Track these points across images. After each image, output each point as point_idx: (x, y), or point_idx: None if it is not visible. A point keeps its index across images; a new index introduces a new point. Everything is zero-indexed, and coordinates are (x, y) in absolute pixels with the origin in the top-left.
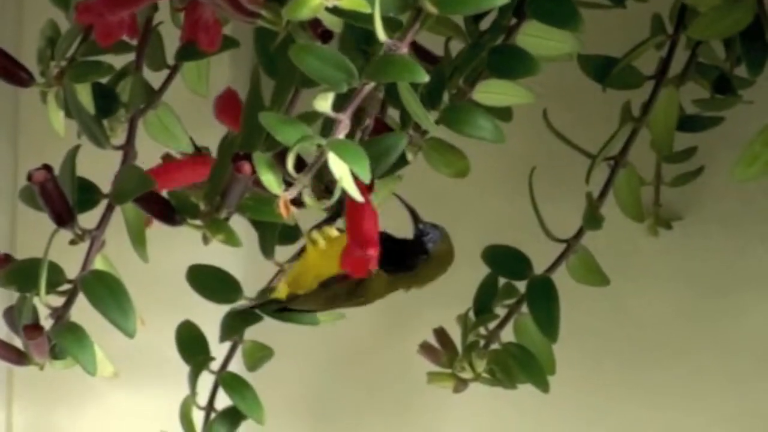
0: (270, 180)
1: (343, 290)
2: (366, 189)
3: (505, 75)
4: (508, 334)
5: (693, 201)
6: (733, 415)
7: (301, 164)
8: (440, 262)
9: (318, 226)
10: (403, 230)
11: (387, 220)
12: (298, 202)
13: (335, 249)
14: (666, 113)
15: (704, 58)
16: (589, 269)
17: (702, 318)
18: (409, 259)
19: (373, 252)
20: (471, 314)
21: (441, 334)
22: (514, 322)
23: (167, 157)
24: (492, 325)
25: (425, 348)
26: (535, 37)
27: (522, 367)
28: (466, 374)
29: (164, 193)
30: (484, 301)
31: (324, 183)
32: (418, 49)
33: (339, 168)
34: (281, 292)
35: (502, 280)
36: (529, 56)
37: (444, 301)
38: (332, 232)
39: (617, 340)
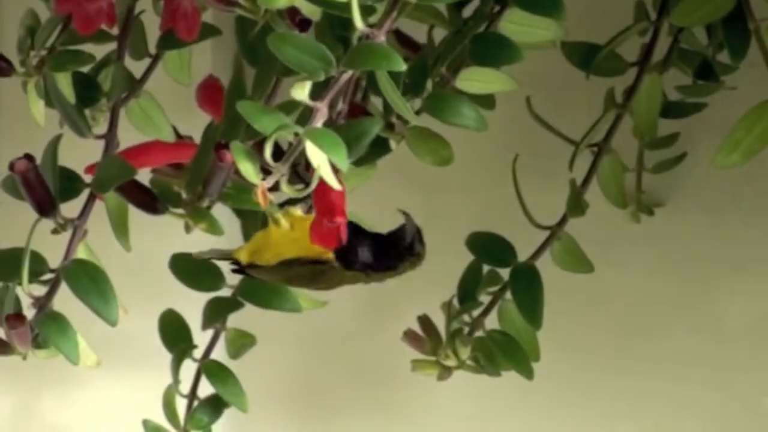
0: (247, 169)
1: (305, 273)
2: None
3: (488, 63)
4: (492, 322)
5: (675, 187)
6: (716, 399)
7: (281, 153)
8: (411, 266)
9: (282, 204)
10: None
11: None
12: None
13: (298, 232)
14: (649, 100)
15: (687, 44)
16: (573, 256)
17: (684, 303)
18: (396, 258)
19: (341, 219)
20: (455, 302)
21: (425, 321)
22: (498, 309)
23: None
24: (476, 312)
25: (409, 336)
26: (518, 24)
27: (506, 354)
28: (451, 362)
29: (146, 182)
30: (468, 289)
31: (295, 169)
32: (400, 37)
33: (316, 156)
34: (242, 255)
35: (486, 268)
36: (512, 44)
37: (428, 288)
38: (296, 212)
39: (601, 326)
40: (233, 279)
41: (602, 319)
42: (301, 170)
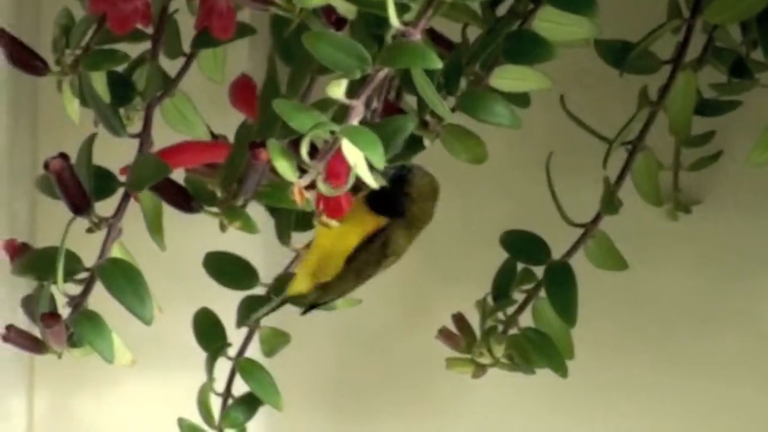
0: (284, 167)
1: (370, 256)
2: None
3: (522, 61)
4: (526, 319)
5: (711, 185)
6: (753, 399)
7: (314, 151)
8: (426, 196)
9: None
10: None
11: None
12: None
13: (348, 226)
14: (683, 97)
15: (721, 41)
16: (607, 254)
17: (721, 302)
18: (394, 202)
19: (341, 182)
20: (489, 299)
21: (459, 319)
22: (533, 307)
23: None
24: (510, 310)
25: (444, 333)
26: (551, 22)
27: (540, 352)
28: (485, 359)
29: (181, 181)
30: (502, 287)
31: None
32: (434, 36)
33: (353, 154)
34: (301, 284)
35: (520, 266)
36: (546, 42)
37: (462, 286)
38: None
39: (635, 325)
40: (268, 277)
41: (637, 318)
42: None
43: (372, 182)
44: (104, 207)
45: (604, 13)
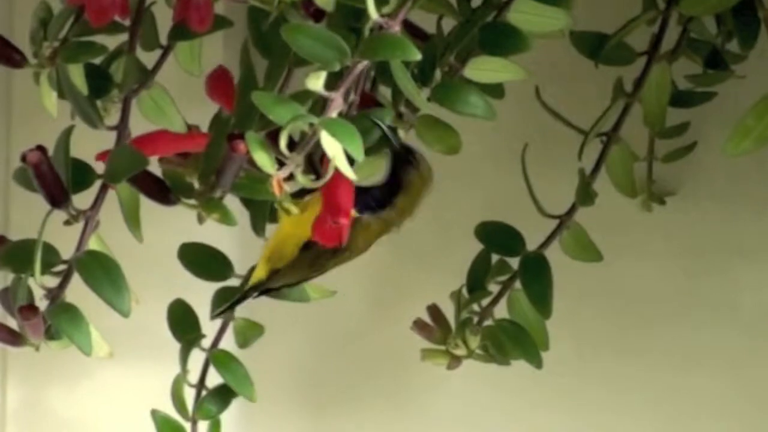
0: (263, 159)
1: (326, 248)
2: None
3: (497, 52)
4: (501, 311)
5: (686, 176)
6: (727, 389)
7: (293, 143)
8: (417, 189)
9: (295, 195)
10: None
11: None
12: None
13: (309, 213)
14: (658, 89)
15: (696, 33)
16: (582, 245)
17: (695, 292)
18: (398, 169)
19: (345, 221)
20: (464, 291)
21: (434, 311)
22: (508, 298)
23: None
24: (485, 301)
25: (419, 325)
26: (526, 13)
27: (515, 343)
28: (460, 351)
29: (159, 173)
30: (477, 278)
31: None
32: (409, 27)
33: (332, 146)
34: (260, 271)
35: (495, 257)
36: (521, 33)
37: (437, 278)
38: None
39: (610, 316)
40: (242, 269)
41: (611, 309)
42: (316, 161)
43: (352, 175)
44: (81, 199)
45: (579, 4)
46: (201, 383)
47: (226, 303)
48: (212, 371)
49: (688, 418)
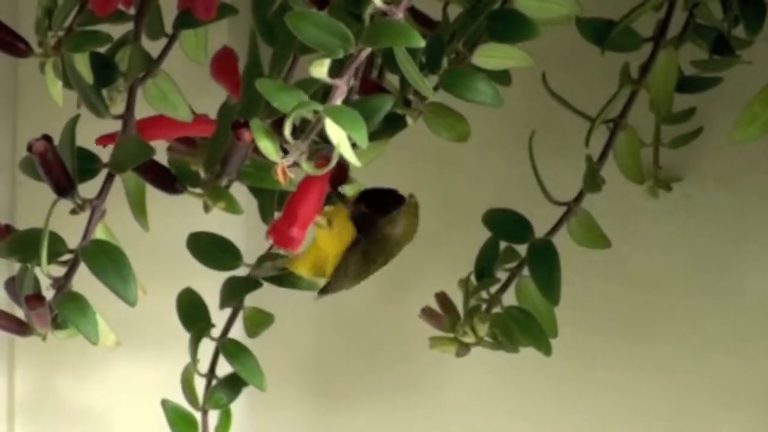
0: (268, 147)
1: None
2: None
3: (504, 39)
4: (509, 298)
5: (692, 162)
6: (736, 374)
7: (296, 131)
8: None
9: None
10: None
11: None
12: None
13: (339, 222)
14: (665, 75)
15: (702, 19)
16: (590, 232)
17: (703, 278)
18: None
19: (297, 233)
20: (472, 278)
21: (443, 298)
22: (516, 285)
23: None
24: (493, 288)
25: (427, 313)
26: (533, 0)
27: (524, 330)
28: (468, 338)
29: (165, 161)
30: (485, 265)
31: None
32: (415, 14)
33: (336, 134)
34: (302, 269)
35: (503, 244)
36: (528, 20)
37: (445, 265)
38: (326, 210)
39: (619, 302)
40: (251, 258)
41: (620, 295)
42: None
43: (356, 161)
44: (87, 188)
45: None
46: (211, 372)
47: (237, 292)
48: (222, 360)
49: (696, 403)
